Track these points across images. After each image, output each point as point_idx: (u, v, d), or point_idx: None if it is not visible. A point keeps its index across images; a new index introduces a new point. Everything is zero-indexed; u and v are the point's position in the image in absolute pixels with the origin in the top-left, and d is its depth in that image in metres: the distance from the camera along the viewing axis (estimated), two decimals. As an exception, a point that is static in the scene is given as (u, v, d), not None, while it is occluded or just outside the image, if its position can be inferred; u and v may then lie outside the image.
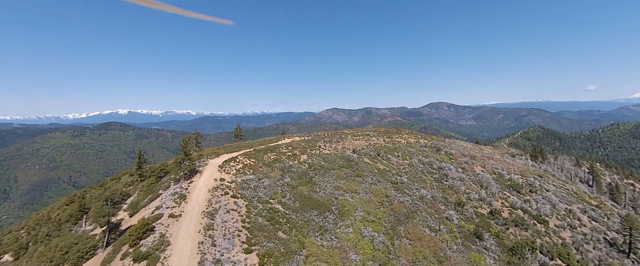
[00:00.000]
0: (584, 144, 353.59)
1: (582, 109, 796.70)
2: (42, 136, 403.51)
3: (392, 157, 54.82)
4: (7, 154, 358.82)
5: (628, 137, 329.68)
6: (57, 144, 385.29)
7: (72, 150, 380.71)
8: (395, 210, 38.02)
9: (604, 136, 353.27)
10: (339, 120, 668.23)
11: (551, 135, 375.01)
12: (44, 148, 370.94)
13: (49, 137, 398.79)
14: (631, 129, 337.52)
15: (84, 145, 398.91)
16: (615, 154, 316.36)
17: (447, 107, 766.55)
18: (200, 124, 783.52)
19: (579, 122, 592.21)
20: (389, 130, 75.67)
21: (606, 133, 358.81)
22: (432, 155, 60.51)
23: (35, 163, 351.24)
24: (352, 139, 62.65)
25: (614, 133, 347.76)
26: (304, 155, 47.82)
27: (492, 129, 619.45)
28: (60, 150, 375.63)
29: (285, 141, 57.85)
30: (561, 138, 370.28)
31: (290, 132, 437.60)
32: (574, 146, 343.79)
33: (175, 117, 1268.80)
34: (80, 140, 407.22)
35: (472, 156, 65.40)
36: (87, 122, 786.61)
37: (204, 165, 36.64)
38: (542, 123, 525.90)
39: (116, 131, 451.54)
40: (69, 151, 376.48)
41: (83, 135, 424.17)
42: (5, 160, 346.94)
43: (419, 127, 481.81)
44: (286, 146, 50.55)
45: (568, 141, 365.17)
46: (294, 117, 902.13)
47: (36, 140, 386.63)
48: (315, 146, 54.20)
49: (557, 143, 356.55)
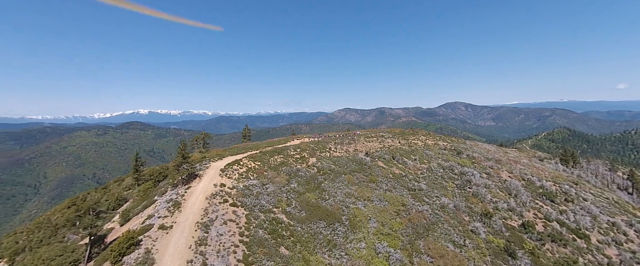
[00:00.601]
0: (614, 146, 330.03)
1: (611, 109, 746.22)
2: (69, 134, 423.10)
3: (408, 160, 50.44)
4: (38, 151, 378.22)
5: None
6: (82, 142, 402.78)
7: (96, 148, 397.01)
8: (414, 221, 33.92)
9: (638, 137, 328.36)
10: (352, 120, 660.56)
11: (578, 137, 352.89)
12: (70, 146, 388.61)
13: (75, 135, 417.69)
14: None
15: (107, 143, 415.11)
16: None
17: (464, 107, 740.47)
18: (216, 123, 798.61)
19: (608, 123, 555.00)
20: (405, 131, 70.98)
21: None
22: (452, 159, 55.51)
23: (62, 160, 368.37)
24: (365, 140, 58.69)
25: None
26: (312, 158, 44.47)
27: (512, 130, 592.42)
28: (85, 148, 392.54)
29: (294, 143, 54.74)
30: (589, 140, 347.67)
31: (303, 132, 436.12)
32: (603, 149, 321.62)
33: (192, 117, 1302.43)
34: (103, 139, 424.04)
35: (496, 159, 59.75)
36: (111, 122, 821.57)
37: (205, 168, 34.06)
38: (568, 124, 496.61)
39: (137, 130, 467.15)
40: (93, 149, 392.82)
41: (106, 134, 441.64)
42: (36, 157, 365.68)
43: (435, 128, 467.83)
44: (294, 148, 47.40)
45: (597, 143, 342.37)
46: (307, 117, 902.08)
47: (64, 138, 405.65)
48: (326, 148, 50.73)
49: (584, 145, 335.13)
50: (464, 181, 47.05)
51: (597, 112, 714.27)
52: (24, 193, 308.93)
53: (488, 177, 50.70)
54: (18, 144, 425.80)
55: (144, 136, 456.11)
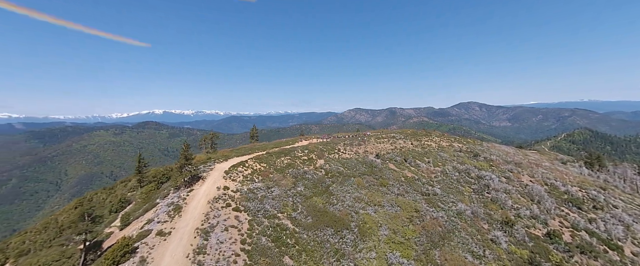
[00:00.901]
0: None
1: (637, 109, 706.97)
2: (89, 134, 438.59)
3: (421, 163, 47.91)
4: (59, 150, 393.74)
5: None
6: (101, 141, 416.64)
7: (113, 147, 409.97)
8: (428, 229, 31.63)
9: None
10: (362, 120, 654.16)
11: (601, 138, 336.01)
12: (90, 145, 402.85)
13: (94, 135, 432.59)
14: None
15: (124, 142, 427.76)
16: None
17: (479, 108, 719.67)
18: (228, 123, 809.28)
19: (634, 123, 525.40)
20: (417, 132, 68.14)
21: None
22: (468, 161, 52.48)
23: (82, 158, 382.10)
24: (376, 142, 56.44)
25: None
26: (320, 160, 42.73)
27: (529, 131, 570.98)
28: (104, 147, 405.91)
29: (302, 144, 53.17)
30: (613, 142, 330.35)
31: (313, 132, 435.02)
32: (628, 151, 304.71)
33: (205, 117, 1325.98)
34: (121, 138, 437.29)
35: (516, 162, 56.17)
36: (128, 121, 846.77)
37: (209, 170, 32.94)
38: (589, 125, 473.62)
39: (152, 129, 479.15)
40: (111, 148, 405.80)
41: (123, 133, 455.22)
42: (58, 155, 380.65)
43: (447, 129, 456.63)
44: (302, 149, 45.81)
45: (621, 145, 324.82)
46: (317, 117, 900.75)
47: (83, 137, 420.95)
48: (334, 149, 48.87)
49: (608, 147, 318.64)
50: (481, 186, 44.15)
51: (621, 112, 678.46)
52: (46, 189, 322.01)
53: (508, 181, 47.49)
54: (41, 142, 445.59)
55: (159, 136, 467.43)
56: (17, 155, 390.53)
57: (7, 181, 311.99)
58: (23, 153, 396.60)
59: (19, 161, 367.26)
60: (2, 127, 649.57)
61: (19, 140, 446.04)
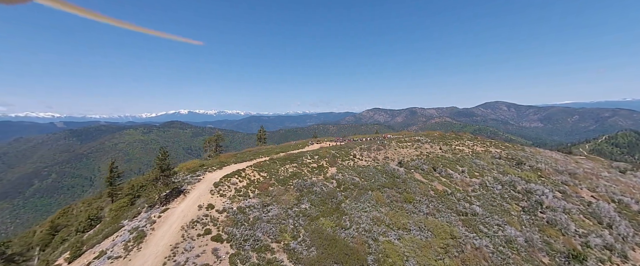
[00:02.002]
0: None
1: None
2: (120, 132, 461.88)
3: (454, 173, 39.64)
4: (94, 147, 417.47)
5: None
6: (130, 140, 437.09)
7: (142, 145, 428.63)
8: (469, 263, 23.92)
9: None
10: (381, 120, 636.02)
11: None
12: (120, 143, 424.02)
13: (124, 133, 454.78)
14: None
15: (151, 141, 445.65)
16: None
17: (507, 107, 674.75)
18: (248, 123, 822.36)
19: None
20: (446, 135, 59.26)
21: None
22: (511, 171, 43.32)
23: (113, 156, 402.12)
24: (397, 146, 48.67)
25: None
26: (332, 168, 35.97)
27: (563, 133, 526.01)
28: (133, 145, 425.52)
29: (313, 148, 46.69)
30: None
31: (330, 132, 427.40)
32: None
33: (226, 117, 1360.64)
34: (148, 137, 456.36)
35: (570, 172, 45.99)
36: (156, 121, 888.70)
37: (196, 182, 27.36)
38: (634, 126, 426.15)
39: (177, 129, 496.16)
40: (139, 146, 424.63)
41: (151, 132, 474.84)
42: (92, 153, 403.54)
43: (472, 130, 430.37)
44: (312, 155, 39.28)
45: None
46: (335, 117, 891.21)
47: (115, 136, 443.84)
48: (349, 155, 41.88)
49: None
50: (532, 203, 35.18)
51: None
52: (81, 184, 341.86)
53: (564, 197, 38.01)
54: (79, 140, 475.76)
55: (183, 135, 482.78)
56: (57, 152, 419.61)
57: (48, 176, 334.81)
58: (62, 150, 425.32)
59: (59, 158, 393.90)
60: (46, 127, 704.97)
61: (59, 138, 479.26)
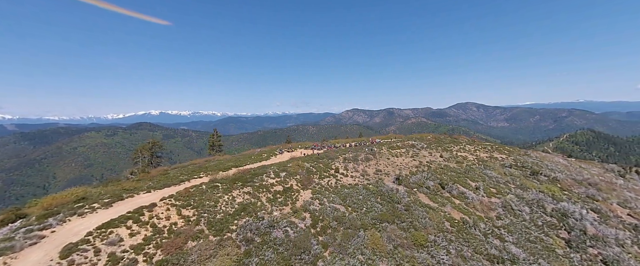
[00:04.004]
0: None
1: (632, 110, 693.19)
2: (80, 135, 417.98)
3: (467, 191, 29.49)
4: (49, 152, 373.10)
5: None
6: (92, 143, 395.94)
7: (105, 149, 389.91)
8: None
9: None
10: (360, 121, 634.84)
11: (603, 139, 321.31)
12: (80, 147, 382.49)
13: (85, 136, 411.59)
14: None
15: (116, 144, 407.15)
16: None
17: (476, 108, 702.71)
18: (225, 124, 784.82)
19: (630, 124, 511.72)
20: (441, 137, 49.79)
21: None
22: (529, 183, 34.13)
23: (72, 161, 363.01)
24: (390, 153, 37.98)
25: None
26: (306, 191, 24.19)
27: (527, 132, 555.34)
28: (95, 149, 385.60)
29: (282, 158, 34.56)
30: (616, 142, 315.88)
31: (309, 133, 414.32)
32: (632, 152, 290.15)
33: (201, 118, 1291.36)
34: (113, 139, 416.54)
35: (591, 183, 37.90)
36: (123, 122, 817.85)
37: (33, 242, 14.31)
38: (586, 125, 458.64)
39: (145, 131, 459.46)
40: (102, 150, 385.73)
41: (116, 135, 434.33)
42: (46, 158, 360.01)
43: (446, 129, 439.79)
44: (278, 170, 27.13)
45: (624, 146, 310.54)
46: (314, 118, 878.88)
47: (74, 139, 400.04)
48: (330, 168, 30.33)
49: (611, 148, 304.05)
50: (577, 233, 25.74)
51: (617, 112, 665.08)
52: (33, 193, 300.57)
53: (603, 219, 29.27)
54: (32, 144, 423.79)
55: (153, 137, 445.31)
56: (4, 157, 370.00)
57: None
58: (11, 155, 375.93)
59: (6, 164, 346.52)
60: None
61: (8, 142, 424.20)
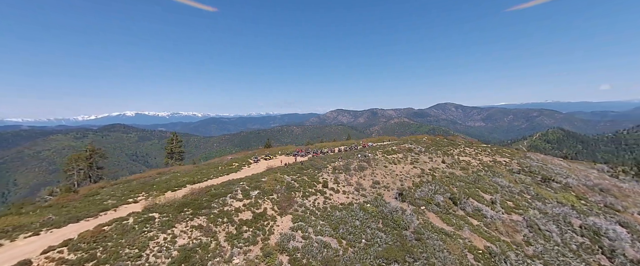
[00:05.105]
0: (608, 147, 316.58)
1: (595, 110, 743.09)
2: (44, 138, 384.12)
3: (483, 206, 24.19)
4: (8, 156, 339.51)
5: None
6: (58, 146, 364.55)
7: (73, 152, 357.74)
8: None
9: (630, 138, 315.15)
10: (345, 121, 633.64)
11: (572, 137, 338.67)
12: (45, 151, 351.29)
13: (50, 139, 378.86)
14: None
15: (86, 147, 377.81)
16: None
17: (455, 108, 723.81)
18: (206, 125, 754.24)
19: (593, 123, 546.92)
20: (437, 139, 44.87)
21: (632, 135, 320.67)
22: (545, 192, 29.57)
23: (35, 166, 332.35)
24: (386, 160, 32.18)
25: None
26: (284, 217, 17.65)
27: (502, 131, 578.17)
28: (62, 153, 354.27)
29: (257, 169, 27.52)
30: (583, 140, 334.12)
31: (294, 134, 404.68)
32: (598, 150, 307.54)
33: (181, 119, 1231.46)
34: (82, 142, 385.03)
35: (603, 189, 34.20)
36: (95, 124, 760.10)
37: None
38: (555, 124, 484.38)
39: (119, 132, 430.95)
40: (70, 154, 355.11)
41: (86, 137, 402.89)
42: (5, 163, 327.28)
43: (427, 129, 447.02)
44: (248, 188, 20.29)
45: (591, 143, 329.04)
46: (299, 118, 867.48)
47: (37, 142, 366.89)
48: (317, 181, 23.94)
49: (579, 145, 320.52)
50: (619, 257, 21.03)
51: (582, 112, 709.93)
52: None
53: (633, 234, 25.12)
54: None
55: (127, 139, 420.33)
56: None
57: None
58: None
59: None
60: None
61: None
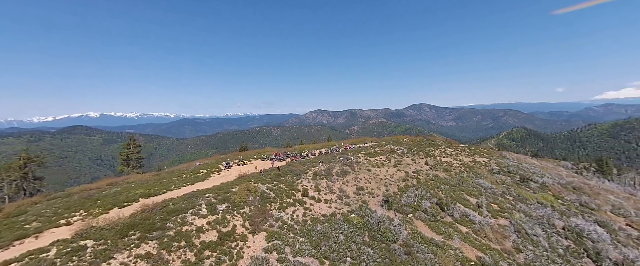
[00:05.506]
0: (564, 144, 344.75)
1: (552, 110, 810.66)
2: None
3: (471, 211, 23.11)
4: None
5: (606, 136, 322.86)
6: (9, 151, 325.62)
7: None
8: None
9: (583, 135, 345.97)
10: (324, 122, 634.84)
11: (534, 135, 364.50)
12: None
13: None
14: (608, 129, 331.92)
15: (42, 151, 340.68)
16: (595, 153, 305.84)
17: (429, 109, 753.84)
18: (179, 127, 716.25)
19: (551, 122, 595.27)
20: (417, 140, 44.23)
21: (585, 133, 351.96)
22: (526, 193, 29.44)
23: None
24: (369, 163, 30.47)
25: (593, 133, 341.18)
26: (257, 234, 15.03)
27: (471, 130, 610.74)
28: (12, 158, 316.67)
29: (228, 176, 24.35)
30: (544, 138, 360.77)
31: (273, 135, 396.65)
32: (556, 147, 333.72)
33: (152, 120, 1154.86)
34: (37, 146, 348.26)
35: (575, 187, 35.13)
36: (53, 126, 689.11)
37: None
38: (518, 123, 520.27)
39: (81, 135, 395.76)
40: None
41: (42, 140, 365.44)
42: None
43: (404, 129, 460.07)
44: (215, 201, 17.33)
45: (550, 141, 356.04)
46: (278, 119, 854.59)
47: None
48: (296, 189, 21.45)
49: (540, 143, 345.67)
50: (605, 261, 20.75)
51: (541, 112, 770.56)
52: None
53: (611, 234, 25.40)
54: None
55: (90, 142, 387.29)
56: None
57: None
58: None
59: None
60: None
61: None
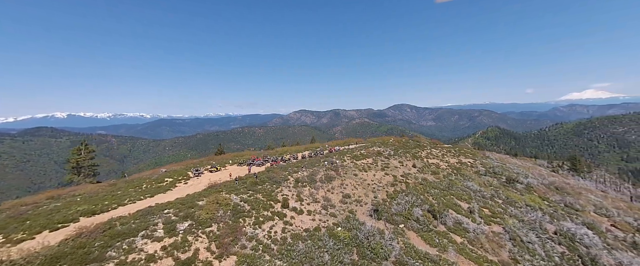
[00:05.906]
0: (534, 142, 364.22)
1: (523, 110, 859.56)
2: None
3: (464, 218, 21.63)
4: None
5: (571, 135, 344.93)
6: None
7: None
8: None
9: (551, 134, 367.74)
10: (308, 122, 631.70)
11: (507, 134, 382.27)
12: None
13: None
14: (573, 128, 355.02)
15: (2, 155, 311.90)
16: (562, 151, 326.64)
17: (410, 109, 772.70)
18: (155, 127, 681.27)
19: (521, 122, 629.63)
20: (403, 141, 42.99)
21: (552, 132, 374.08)
22: (514, 195, 28.67)
23: None
24: (355, 166, 28.47)
25: (559, 132, 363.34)
26: (226, 259, 12.35)
27: (449, 129, 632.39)
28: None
29: (196, 186, 21.15)
30: (516, 137, 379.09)
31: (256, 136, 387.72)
32: (527, 145, 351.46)
33: (125, 120, 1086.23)
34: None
35: (558, 187, 35.19)
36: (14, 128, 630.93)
37: None
38: (492, 123, 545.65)
39: (46, 137, 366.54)
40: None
41: (1, 143, 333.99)
42: None
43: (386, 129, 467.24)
44: (176, 218, 14.42)
45: (521, 139, 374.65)
46: (261, 119, 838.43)
47: None
48: (274, 199, 18.85)
49: (512, 141, 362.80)
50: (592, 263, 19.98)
51: (513, 112, 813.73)
52: None
53: (599, 235, 25.04)
54: None
55: (56, 144, 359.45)
56: None
57: None
58: None
59: None
60: None
61: None
